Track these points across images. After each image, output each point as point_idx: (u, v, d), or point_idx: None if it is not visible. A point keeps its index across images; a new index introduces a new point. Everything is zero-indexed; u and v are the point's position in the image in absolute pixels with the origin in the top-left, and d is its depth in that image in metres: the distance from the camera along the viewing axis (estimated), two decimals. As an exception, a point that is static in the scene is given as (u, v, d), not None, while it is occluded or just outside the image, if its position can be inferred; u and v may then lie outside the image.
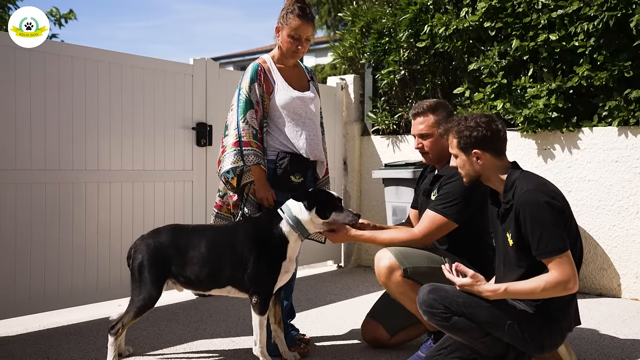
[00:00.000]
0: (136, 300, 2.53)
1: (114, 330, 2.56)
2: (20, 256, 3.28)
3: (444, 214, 2.58)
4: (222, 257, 2.55)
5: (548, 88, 4.10)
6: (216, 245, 2.56)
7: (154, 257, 2.54)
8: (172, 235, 2.60)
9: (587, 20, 4.01)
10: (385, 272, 2.57)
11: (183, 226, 2.71)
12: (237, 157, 2.63)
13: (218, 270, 2.55)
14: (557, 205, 2.13)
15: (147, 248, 2.56)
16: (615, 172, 4.03)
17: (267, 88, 2.74)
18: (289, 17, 2.71)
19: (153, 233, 2.64)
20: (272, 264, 2.55)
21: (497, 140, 2.26)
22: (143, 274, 2.53)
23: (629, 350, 2.91)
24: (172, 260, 2.55)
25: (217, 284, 2.59)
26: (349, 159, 5.39)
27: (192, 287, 2.65)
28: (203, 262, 2.54)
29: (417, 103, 2.81)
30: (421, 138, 2.75)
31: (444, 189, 2.63)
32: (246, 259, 2.53)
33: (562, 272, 2.08)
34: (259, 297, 2.52)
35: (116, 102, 3.69)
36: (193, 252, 2.55)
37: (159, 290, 2.55)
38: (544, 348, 2.22)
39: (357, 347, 2.98)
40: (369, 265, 5.24)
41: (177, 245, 2.56)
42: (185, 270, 2.55)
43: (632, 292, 4.00)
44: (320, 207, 2.54)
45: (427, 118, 2.73)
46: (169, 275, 2.57)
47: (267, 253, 2.54)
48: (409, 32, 4.85)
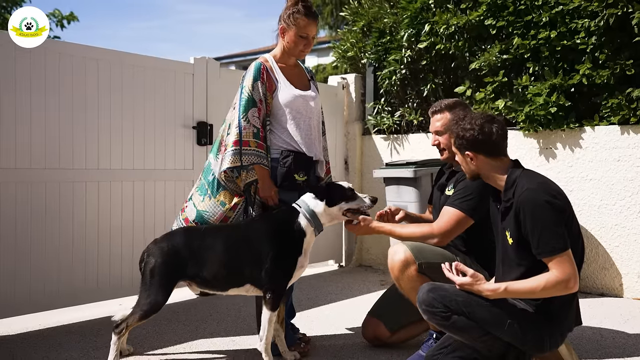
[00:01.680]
0: (143, 304, 2.52)
1: (118, 329, 2.56)
2: (21, 255, 3.28)
3: (461, 209, 2.59)
4: (241, 255, 2.55)
5: (550, 85, 4.09)
6: (233, 244, 2.56)
7: (167, 261, 2.53)
8: (186, 237, 2.59)
9: (588, 18, 3.99)
10: (400, 266, 2.57)
11: (196, 227, 2.69)
12: (235, 157, 2.63)
13: (237, 269, 2.56)
14: (557, 204, 2.12)
15: (161, 252, 2.54)
16: (617, 171, 4.01)
17: (270, 86, 2.73)
18: (296, 17, 2.71)
19: (166, 236, 2.64)
20: (289, 259, 2.58)
21: (489, 143, 2.25)
22: (154, 278, 2.52)
23: (630, 349, 2.90)
24: (187, 262, 2.54)
25: (236, 283, 2.59)
26: (350, 158, 5.38)
27: (210, 287, 2.63)
28: (221, 262, 2.54)
29: (438, 101, 2.86)
30: (438, 135, 2.79)
31: (461, 184, 2.65)
32: (264, 256, 2.53)
33: (563, 272, 2.06)
34: (273, 293, 2.53)
35: (117, 101, 3.69)
36: (210, 253, 2.55)
37: (167, 296, 2.54)
38: (544, 347, 2.21)
39: (358, 346, 2.97)
40: (370, 265, 5.23)
41: (192, 247, 2.56)
42: (202, 271, 2.54)
43: (634, 291, 3.98)
44: (330, 198, 2.60)
45: (444, 115, 2.76)
46: (184, 278, 2.57)
47: (284, 248, 2.57)
48: (410, 31, 4.84)
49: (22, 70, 3.28)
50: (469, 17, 4.45)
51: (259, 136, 2.67)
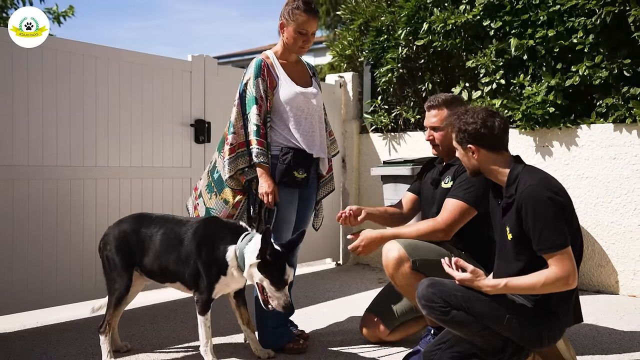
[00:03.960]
0: (110, 294, 2.61)
1: (102, 329, 2.60)
2: (18, 253, 3.27)
3: (464, 199, 2.59)
4: (173, 251, 2.55)
5: (547, 85, 4.11)
6: (172, 238, 2.57)
7: (119, 247, 2.59)
8: (134, 223, 2.65)
9: (585, 16, 4.01)
10: (394, 264, 2.57)
11: (147, 214, 2.75)
12: (232, 166, 2.68)
13: (168, 263, 2.57)
14: (559, 200, 2.13)
15: (113, 238, 2.62)
16: (613, 169, 4.03)
17: (271, 83, 2.73)
18: (295, 13, 2.71)
19: (117, 223, 2.71)
20: (212, 275, 2.49)
21: (492, 137, 2.25)
22: (111, 264, 2.59)
23: (626, 345, 2.92)
24: (135, 249, 2.59)
25: (169, 278, 2.61)
26: (347, 156, 5.39)
27: (151, 277, 2.67)
28: (156, 253, 2.57)
29: (434, 96, 2.83)
30: (433, 130, 2.77)
31: (462, 176, 2.64)
32: (191, 259, 2.51)
33: (562, 268, 2.08)
34: (199, 297, 2.52)
35: (114, 99, 3.69)
36: (150, 242, 2.59)
37: (129, 281, 2.60)
38: (542, 342, 2.22)
39: (356, 342, 2.98)
40: (367, 263, 5.24)
41: (139, 234, 2.61)
42: (143, 259, 2.60)
43: (629, 288, 4.01)
44: (265, 264, 2.36)
45: (441, 111, 2.75)
46: (135, 264, 2.62)
47: (209, 262, 2.48)
48: (407, 29, 4.85)
49: (19, 67, 3.27)
50: (466, 16, 4.46)
51: (259, 133, 2.67)
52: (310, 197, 2.90)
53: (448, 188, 2.71)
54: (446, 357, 2.27)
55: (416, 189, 2.99)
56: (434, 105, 2.78)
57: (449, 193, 2.66)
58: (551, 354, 2.41)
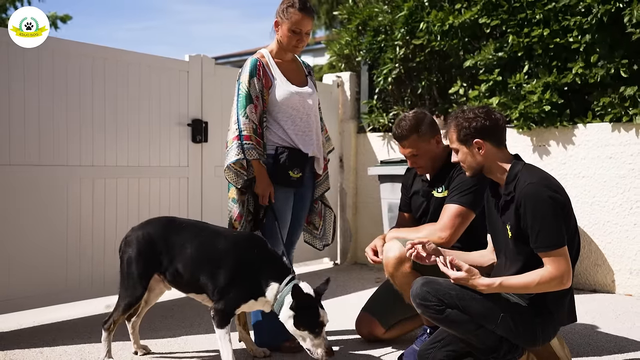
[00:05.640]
0: (123, 297, 2.54)
1: (106, 325, 2.58)
2: (14, 252, 3.28)
3: (462, 203, 2.60)
4: (208, 264, 2.46)
5: (543, 83, 4.12)
6: (208, 251, 2.49)
7: (142, 251, 2.51)
8: (163, 228, 2.57)
9: (581, 15, 4.02)
10: (394, 263, 2.57)
11: (177, 219, 2.69)
12: (238, 150, 2.64)
13: (198, 275, 2.47)
14: (559, 199, 2.14)
15: (137, 240, 2.54)
16: (609, 169, 4.04)
17: (266, 82, 2.73)
18: (289, 12, 2.70)
19: (143, 224, 2.63)
20: (243, 292, 2.44)
21: (497, 129, 2.26)
22: (131, 268, 2.52)
23: (621, 344, 2.93)
24: (161, 254, 2.52)
25: (195, 288, 2.53)
26: (345, 156, 5.39)
27: (175, 285, 2.60)
28: (187, 263, 2.49)
29: (396, 123, 2.78)
30: (413, 157, 2.76)
31: (455, 181, 2.65)
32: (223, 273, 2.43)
33: (557, 268, 2.09)
34: (220, 307, 2.41)
35: (111, 98, 3.69)
36: (180, 250, 2.50)
37: (145, 287, 2.54)
38: (536, 341, 2.23)
39: (352, 341, 2.99)
40: (365, 263, 5.24)
41: (168, 240, 2.53)
42: (170, 267, 2.51)
43: (625, 287, 4.02)
44: (301, 314, 2.35)
45: (411, 140, 2.72)
46: (159, 270, 2.55)
47: (244, 279, 2.42)
48: (405, 29, 4.86)
49: (15, 67, 3.27)
50: (464, 16, 4.47)
51: (257, 132, 2.68)
52: (305, 197, 2.91)
53: (443, 197, 2.71)
54: (441, 355, 2.28)
55: (407, 206, 2.97)
56: (402, 136, 2.73)
57: (446, 199, 2.66)
58: (545, 353, 2.42)
